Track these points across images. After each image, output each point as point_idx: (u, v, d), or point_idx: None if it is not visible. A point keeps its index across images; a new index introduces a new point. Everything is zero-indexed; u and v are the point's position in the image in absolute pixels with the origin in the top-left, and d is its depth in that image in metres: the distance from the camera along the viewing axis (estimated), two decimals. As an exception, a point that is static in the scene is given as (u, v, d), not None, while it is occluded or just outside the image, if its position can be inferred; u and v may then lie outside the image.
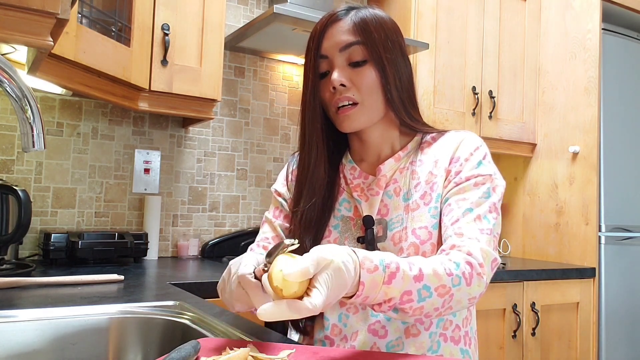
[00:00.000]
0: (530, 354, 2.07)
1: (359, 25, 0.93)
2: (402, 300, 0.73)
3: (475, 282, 0.80)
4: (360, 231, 0.97)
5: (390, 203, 0.96)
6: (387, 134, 1.00)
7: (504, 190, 0.94)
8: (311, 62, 0.96)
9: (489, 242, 0.85)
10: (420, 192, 0.94)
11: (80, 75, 1.45)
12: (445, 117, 2.29)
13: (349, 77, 0.93)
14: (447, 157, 0.95)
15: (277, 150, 2.28)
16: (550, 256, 2.47)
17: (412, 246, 0.90)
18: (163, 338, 0.96)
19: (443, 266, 0.78)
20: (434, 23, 2.29)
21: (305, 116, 0.97)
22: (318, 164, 0.97)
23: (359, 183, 1.00)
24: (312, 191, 0.97)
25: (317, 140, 0.97)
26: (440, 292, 0.76)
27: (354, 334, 0.93)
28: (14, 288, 1.20)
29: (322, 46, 0.94)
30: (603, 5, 2.37)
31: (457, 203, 0.89)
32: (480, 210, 0.88)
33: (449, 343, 0.92)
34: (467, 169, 0.92)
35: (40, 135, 0.78)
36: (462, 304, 0.80)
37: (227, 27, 2.12)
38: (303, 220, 0.96)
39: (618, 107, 2.42)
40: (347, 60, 0.93)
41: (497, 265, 0.85)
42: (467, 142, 0.96)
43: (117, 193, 1.95)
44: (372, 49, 0.93)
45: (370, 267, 0.70)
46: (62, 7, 0.96)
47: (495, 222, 0.89)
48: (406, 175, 0.96)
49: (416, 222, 0.92)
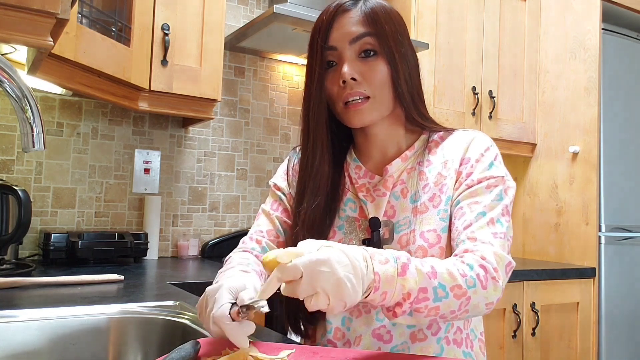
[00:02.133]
0: (530, 354, 2.07)
1: (370, 16, 0.90)
2: (418, 297, 0.71)
3: (490, 286, 0.77)
4: (365, 233, 0.94)
5: (397, 205, 0.93)
6: (393, 131, 0.97)
7: (515, 192, 0.92)
8: (317, 54, 0.91)
9: (502, 246, 0.83)
10: (428, 194, 0.91)
11: (80, 75, 1.45)
12: (445, 117, 2.29)
13: (360, 71, 0.89)
14: (457, 158, 0.92)
15: (277, 150, 2.28)
16: (550, 256, 2.47)
17: (420, 249, 0.88)
18: (163, 338, 0.96)
19: (456, 267, 0.76)
20: (434, 23, 2.29)
21: (310, 111, 0.93)
22: (322, 161, 0.94)
23: (365, 183, 0.97)
24: (316, 190, 0.94)
25: (322, 136, 0.93)
26: (457, 292, 0.74)
27: (357, 338, 0.90)
28: (14, 288, 1.20)
29: (331, 37, 0.90)
30: (603, 5, 2.37)
31: (469, 206, 0.87)
32: (493, 213, 0.86)
33: (452, 346, 0.90)
34: (479, 170, 0.90)
35: (40, 135, 0.78)
36: (480, 309, 0.78)
37: (227, 27, 2.12)
38: (306, 220, 0.93)
39: (618, 107, 2.42)
40: (357, 52, 0.89)
41: (511, 269, 0.83)
42: (477, 142, 0.93)
43: (117, 193, 1.95)
44: (383, 41, 0.89)
45: (381, 260, 0.69)
46: (62, 7, 0.96)
47: (508, 225, 0.87)
48: (414, 176, 0.93)
49: (424, 225, 0.89)
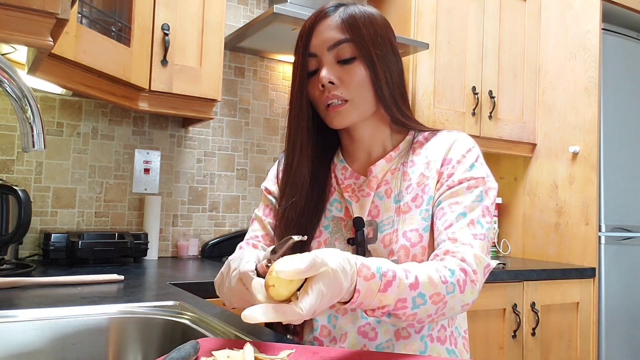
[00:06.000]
0: (530, 354, 2.07)
1: (347, 22, 0.92)
2: (397, 307, 0.73)
3: (468, 289, 0.80)
4: (350, 232, 0.96)
5: (381, 204, 0.95)
6: (378, 132, 0.99)
7: (497, 192, 0.94)
8: (299, 61, 0.95)
9: (482, 248, 0.85)
10: (411, 194, 0.93)
11: (80, 75, 1.45)
12: (445, 117, 2.29)
13: (338, 75, 0.91)
14: (439, 159, 0.94)
15: (277, 150, 2.28)
16: (550, 256, 2.47)
17: (402, 249, 0.90)
18: (163, 338, 0.96)
19: (438, 273, 0.78)
20: (434, 23, 2.29)
21: (291, 114, 0.97)
22: (301, 162, 0.96)
23: (350, 183, 0.99)
24: (293, 190, 0.96)
25: (302, 138, 0.96)
26: (435, 299, 0.76)
27: (343, 336, 0.92)
28: (14, 288, 1.20)
29: (311, 44, 0.93)
30: (603, 5, 2.37)
31: (450, 207, 0.89)
32: (473, 214, 0.87)
33: (435, 343, 0.92)
34: (460, 171, 0.91)
35: (40, 135, 0.78)
36: (455, 311, 0.81)
37: (227, 27, 2.12)
38: (284, 219, 0.96)
39: (618, 107, 2.42)
40: (335, 57, 0.92)
41: (489, 271, 0.86)
42: (459, 143, 0.95)
43: (117, 193, 1.95)
44: (360, 46, 0.91)
45: (367, 275, 0.70)
46: (62, 7, 0.95)
47: (489, 226, 0.89)
48: (397, 177, 0.95)
49: (407, 225, 0.91)
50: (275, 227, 0.99)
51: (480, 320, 1.94)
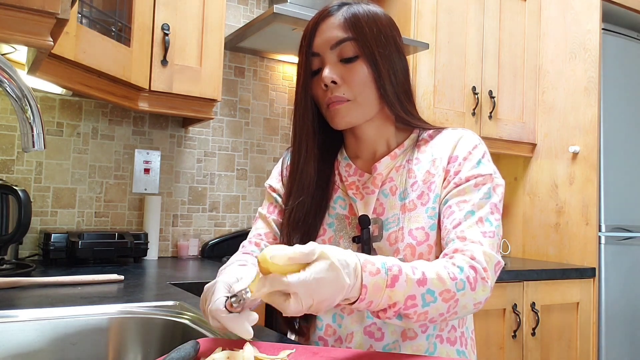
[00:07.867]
0: (530, 354, 2.07)
1: (350, 21, 0.91)
2: (406, 305, 0.72)
3: (479, 286, 0.79)
4: (355, 230, 0.95)
5: (386, 202, 0.94)
6: (383, 130, 0.98)
7: (504, 189, 0.93)
8: (303, 60, 0.94)
9: (492, 245, 0.84)
10: (417, 192, 0.92)
11: (80, 75, 1.45)
12: (445, 117, 2.29)
13: (340, 74, 0.91)
14: (445, 156, 0.93)
15: (277, 150, 2.28)
16: (550, 256, 2.47)
17: (408, 247, 0.89)
18: (163, 338, 0.96)
19: (447, 270, 0.77)
20: (434, 23, 2.29)
21: (297, 114, 0.96)
22: (307, 161, 0.96)
23: (354, 181, 0.98)
24: (301, 189, 0.96)
25: (307, 137, 0.96)
26: (445, 296, 0.75)
27: (349, 335, 0.91)
28: (14, 288, 1.20)
29: (314, 43, 0.93)
30: (603, 5, 2.37)
31: (457, 205, 0.88)
32: (482, 212, 0.87)
33: (445, 344, 0.90)
34: (467, 168, 0.90)
35: (40, 135, 0.78)
36: (468, 309, 0.79)
37: (227, 27, 2.12)
38: (291, 218, 0.95)
39: (618, 107, 2.42)
40: (338, 56, 0.92)
41: (500, 268, 0.84)
42: (465, 140, 0.94)
43: (117, 193, 1.95)
44: (363, 45, 0.91)
45: (372, 270, 0.69)
46: (62, 7, 0.95)
47: (498, 224, 0.88)
48: (402, 174, 0.95)
49: (413, 223, 0.90)
50: (282, 226, 0.98)
51: (480, 320, 1.94)
